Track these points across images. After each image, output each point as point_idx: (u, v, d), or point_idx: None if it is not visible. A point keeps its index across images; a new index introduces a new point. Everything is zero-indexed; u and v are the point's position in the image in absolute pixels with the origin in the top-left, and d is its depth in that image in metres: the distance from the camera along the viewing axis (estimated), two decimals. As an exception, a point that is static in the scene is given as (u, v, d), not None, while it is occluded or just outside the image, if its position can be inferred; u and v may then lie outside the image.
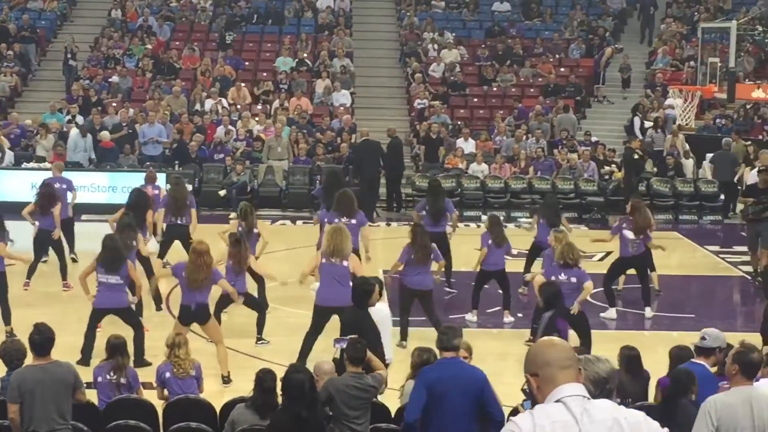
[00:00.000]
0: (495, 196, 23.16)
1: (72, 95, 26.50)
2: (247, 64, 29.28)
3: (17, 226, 14.66)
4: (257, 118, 25.57)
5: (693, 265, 19.28)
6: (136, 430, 7.91)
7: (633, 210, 14.94)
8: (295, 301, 14.34)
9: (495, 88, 28.60)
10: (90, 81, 27.34)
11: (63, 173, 17.12)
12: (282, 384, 7.60)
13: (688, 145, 24.72)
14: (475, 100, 28.42)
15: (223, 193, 22.91)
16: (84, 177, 21.32)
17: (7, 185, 21.96)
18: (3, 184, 22.02)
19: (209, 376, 10.70)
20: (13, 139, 24.19)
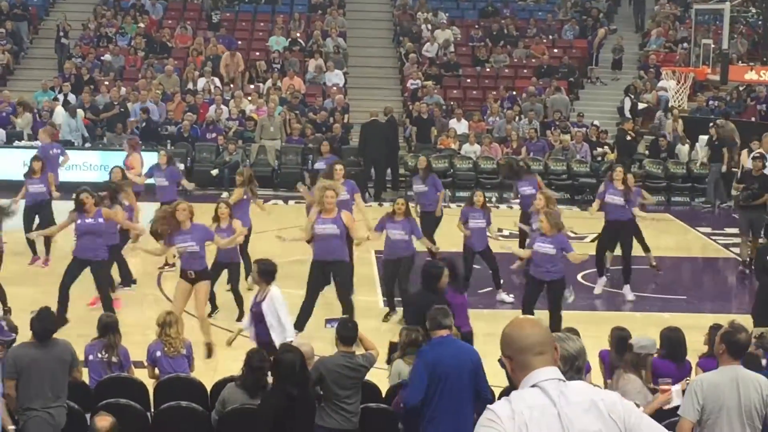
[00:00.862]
0: (487, 176, 23.15)
1: (64, 73, 26.40)
2: (240, 43, 29.14)
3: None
4: (250, 98, 25.51)
5: (685, 247, 19.32)
6: (127, 409, 7.91)
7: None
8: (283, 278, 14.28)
9: (488, 69, 28.55)
10: (82, 59, 27.22)
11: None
12: (273, 363, 7.61)
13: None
14: (468, 80, 28.37)
15: (215, 172, 22.89)
16: (76, 155, 21.22)
17: (-2, 163, 21.88)
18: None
19: (200, 355, 10.70)
20: (4, 117, 24.11)
